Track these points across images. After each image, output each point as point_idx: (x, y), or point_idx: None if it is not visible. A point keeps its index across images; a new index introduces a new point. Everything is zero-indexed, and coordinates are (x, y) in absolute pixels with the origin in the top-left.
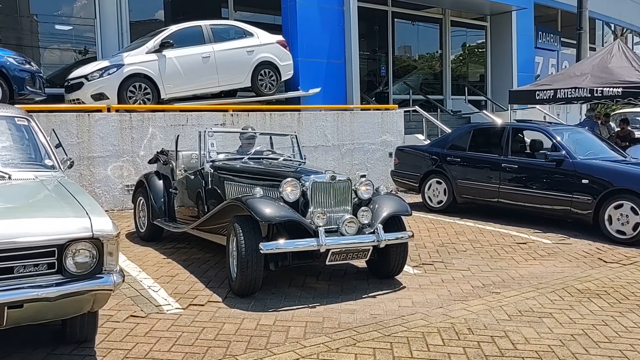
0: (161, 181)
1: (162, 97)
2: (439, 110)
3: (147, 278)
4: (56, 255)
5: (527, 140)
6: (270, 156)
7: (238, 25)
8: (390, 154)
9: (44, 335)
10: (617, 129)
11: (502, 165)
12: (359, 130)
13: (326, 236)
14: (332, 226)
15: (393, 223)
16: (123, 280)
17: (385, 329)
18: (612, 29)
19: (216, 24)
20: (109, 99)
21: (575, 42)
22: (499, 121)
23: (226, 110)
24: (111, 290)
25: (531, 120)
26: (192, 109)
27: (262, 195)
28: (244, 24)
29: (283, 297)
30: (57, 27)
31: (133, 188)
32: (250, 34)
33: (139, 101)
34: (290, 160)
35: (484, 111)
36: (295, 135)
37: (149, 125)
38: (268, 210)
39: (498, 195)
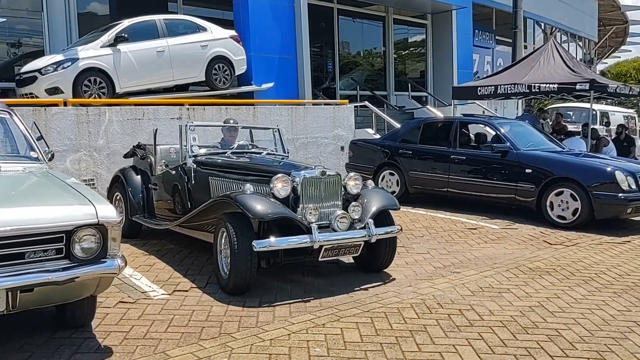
0: (139, 176)
1: (117, 91)
2: (385, 105)
3: (126, 267)
4: (64, 241)
5: (474, 133)
6: (253, 150)
7: (191, 20)
8: (342, 148)
9: (42, 320)
10: (550, 123)
11: (451, 156)
12: (312, 125)
13: (319, 232)
14: (324, 222)
15: (381, 217)
16: (126, 265)
17: (363, 306)
18: (542, 28)
19: (170, 18)
20: (63, 93)
21: (508, 39)
22: (441, 115)
23: (182, 104)
24: (116, 274)
25: (477, 114)
26: (149, 102)
27: (252, 192)
28: (197, 18)
29: (263, 283)
30: (1, 20)
31: (91, 182)
32: (204, 29)
33: (94, 95)
34: (274, 154)
35: (428, 106)
36: (278, 129)
37: (106, 120)
38: (260, 207)
39: (448, 185)
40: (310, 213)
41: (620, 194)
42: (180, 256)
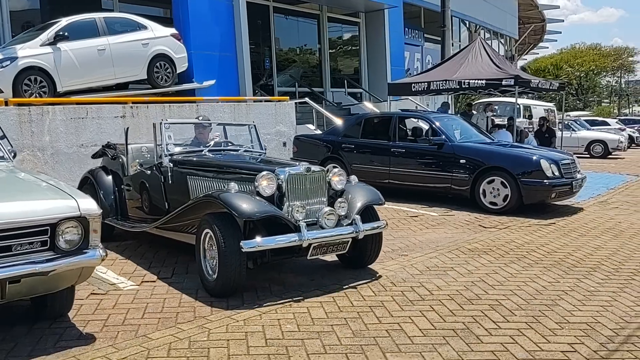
0: (110, 177)
1: (58, 90)
2: (323, 102)
3: None
4: (48, 234)
5: (412, 127)
6: (230, 147)
7: (131, 18)
8: (284, 144)
9: (16, 315)
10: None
11: (391, 150)
12: (255, 121)
13: (307, 230)
14: (310, 219)
15: (366, 212)
16: (107, 255)
17: (324, 287)
18: (467, 26)
19: (110, 16)
20: (3, 92)
21: (436, 37)
22: (377, 111)
23: (125, 103)
24: (98, 264)
25: (412, 109)
26: (92, 101)
27: (237, 191)
28: (136, 16)
29: None
30: None
31: None
32: (144, 27)
33: (34, 94)
34: (251, 151)
35: (365, 102)
36: (254, 125)
37: (49, 119)
38: (247, 206)
39: (389, 176)
40: (297, 211)
41: (545, 181)
42: (140, 250)
